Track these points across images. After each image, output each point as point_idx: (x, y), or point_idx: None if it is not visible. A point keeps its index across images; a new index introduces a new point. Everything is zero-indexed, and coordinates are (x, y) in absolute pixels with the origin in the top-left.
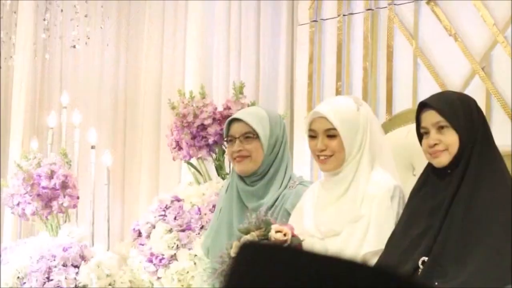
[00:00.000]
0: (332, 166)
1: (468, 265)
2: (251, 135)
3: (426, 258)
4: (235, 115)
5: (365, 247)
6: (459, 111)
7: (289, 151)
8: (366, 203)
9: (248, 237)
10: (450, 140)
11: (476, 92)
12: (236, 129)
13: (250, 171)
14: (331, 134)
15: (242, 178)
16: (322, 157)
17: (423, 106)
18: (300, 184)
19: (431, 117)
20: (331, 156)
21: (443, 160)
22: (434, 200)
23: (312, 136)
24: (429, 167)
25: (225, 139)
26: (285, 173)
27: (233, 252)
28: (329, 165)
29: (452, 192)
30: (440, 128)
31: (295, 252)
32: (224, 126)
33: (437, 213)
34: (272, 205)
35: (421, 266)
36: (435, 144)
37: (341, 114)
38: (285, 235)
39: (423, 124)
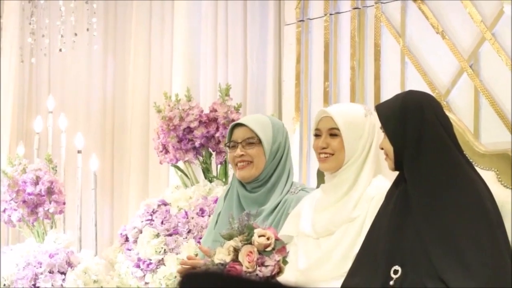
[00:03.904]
0: (332, 165)
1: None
2: (253, 140)
3: (397, 267)
4: (238, 121)
5: (357, 247)
6: (390, 118)
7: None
8: (363, 204)
9: (231, 243)
10: (387, 146)
11: (464, 89)
12: (239, 134)
13: (252, 177)
14: (334, 133)
15: (242, 184)
16: (322, 155)
17: None
18: (302, 190)
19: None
20: (332, 155)
21: (388, 165)
22: (396, 205)
23: (317, 135)
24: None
25: (227, 144)
26: (287, 180)
27: (216, 259)
28: (328, 164)
29: (403, 196)
30: (384, 134)
31: (235, 280)
32: (227, 132)
33: (397, 219)
34: (273, 210)
35: (393, 275)
36: (382, 148)
37: (346, 116)
38: (268, 239)
39: None
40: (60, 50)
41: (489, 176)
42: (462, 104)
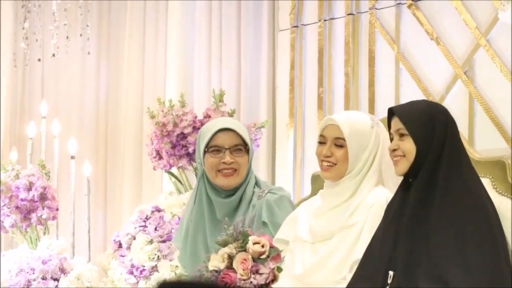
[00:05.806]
0: (333, 175)
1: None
2: (242, 147)
3: (391, 273)
4: (225, 125)
5: (355, 253)
6: (418, 119)
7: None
8: (361, 211)
9: (226, 250)
10: (408, 147)
11: (458, 96)
12: (226, 140)
13: (236, 185)
14: (339, 143)
15: (217, 190)
16: (325, 164)
17: (391, 113)
18: (269, 193)
19: (395, 124)
20: (335, 164)
21: (401, 168)
22: (398, 212)
23: (321, 142)
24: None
25: (207, 148)
26: (251, 182)
27: (211, 266)
28: (330, 173)
29: (409, 203)
30: (401, 135)
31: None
32: (208, 134)
33: (399, 225)
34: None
35: (389, 281)
36: (394, 150)
37: (353, 126)
38: (263, 246)
39: (391, 130)
40: (53, 55)
41: (484, 183)
42: (457, 110)
